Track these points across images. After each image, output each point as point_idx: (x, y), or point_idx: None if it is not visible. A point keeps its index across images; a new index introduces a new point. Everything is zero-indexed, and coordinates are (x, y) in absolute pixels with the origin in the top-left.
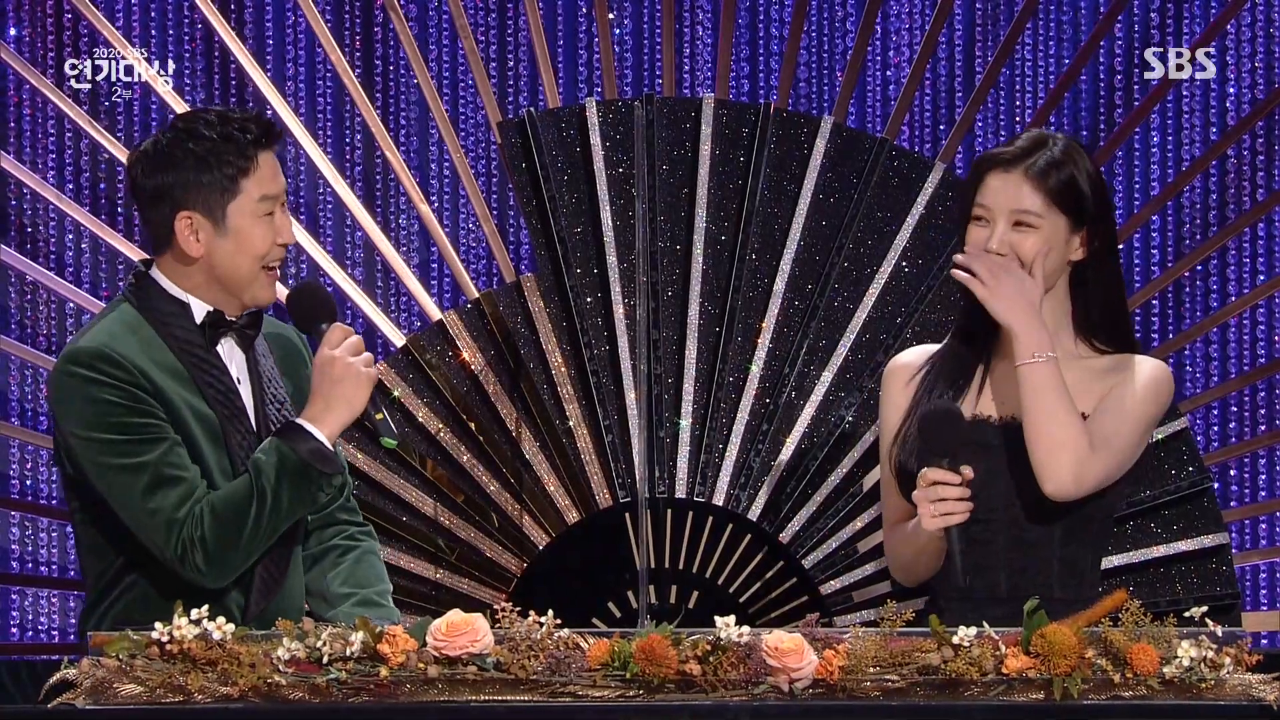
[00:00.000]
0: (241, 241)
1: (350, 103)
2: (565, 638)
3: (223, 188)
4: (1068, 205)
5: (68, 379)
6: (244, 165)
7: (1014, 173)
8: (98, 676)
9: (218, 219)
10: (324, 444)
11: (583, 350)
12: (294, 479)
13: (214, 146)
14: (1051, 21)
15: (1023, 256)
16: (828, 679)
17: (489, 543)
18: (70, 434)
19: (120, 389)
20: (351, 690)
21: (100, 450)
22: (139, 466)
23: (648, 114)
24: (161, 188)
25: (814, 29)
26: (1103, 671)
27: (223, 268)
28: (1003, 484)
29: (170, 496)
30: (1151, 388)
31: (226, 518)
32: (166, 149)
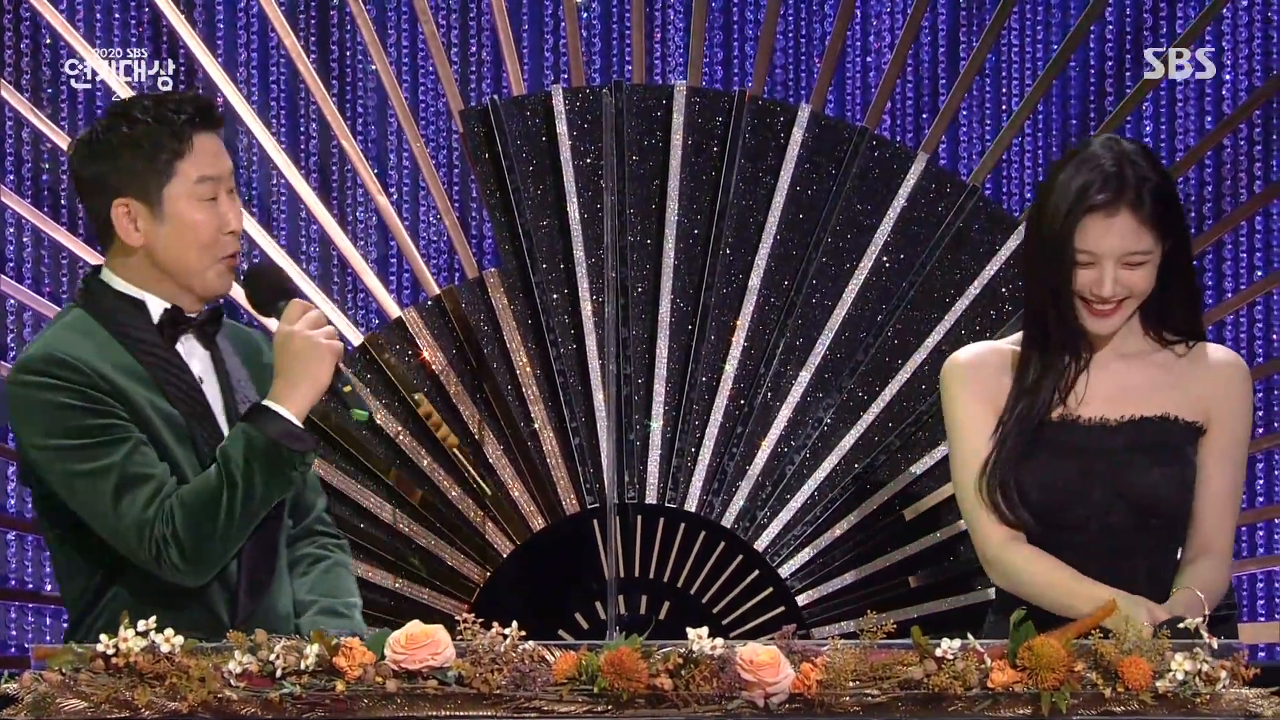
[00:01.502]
0: (181, 228)
1: (305, 89)
2: (530, 650)
3: (157, 170)
4: (1167, 226)
5: (21, 389)
6: (177, 147)
7: (1119, 216)
8: (40, 691)
9: (154, 204)
10: (292, 422)
11: (549, 349)
12: (265, 461)
13: (147, 130)
14: (1040, 5)
15: (1136, 292)
16: (805, 693)
17: (450, 551)
18: (30, 445)
19: (76, 391)
20: (306, 705)
21: (63, 457)
22: (104, 470)
23: (617, 102)
24: (98, 176)
25: (791, 13)
26: (1093, 685)
27: (166, 257)
28: (1098, 489)
29: (139, 497)
30: (1248, 400)
31: (197, 510)
32: (102, 136)
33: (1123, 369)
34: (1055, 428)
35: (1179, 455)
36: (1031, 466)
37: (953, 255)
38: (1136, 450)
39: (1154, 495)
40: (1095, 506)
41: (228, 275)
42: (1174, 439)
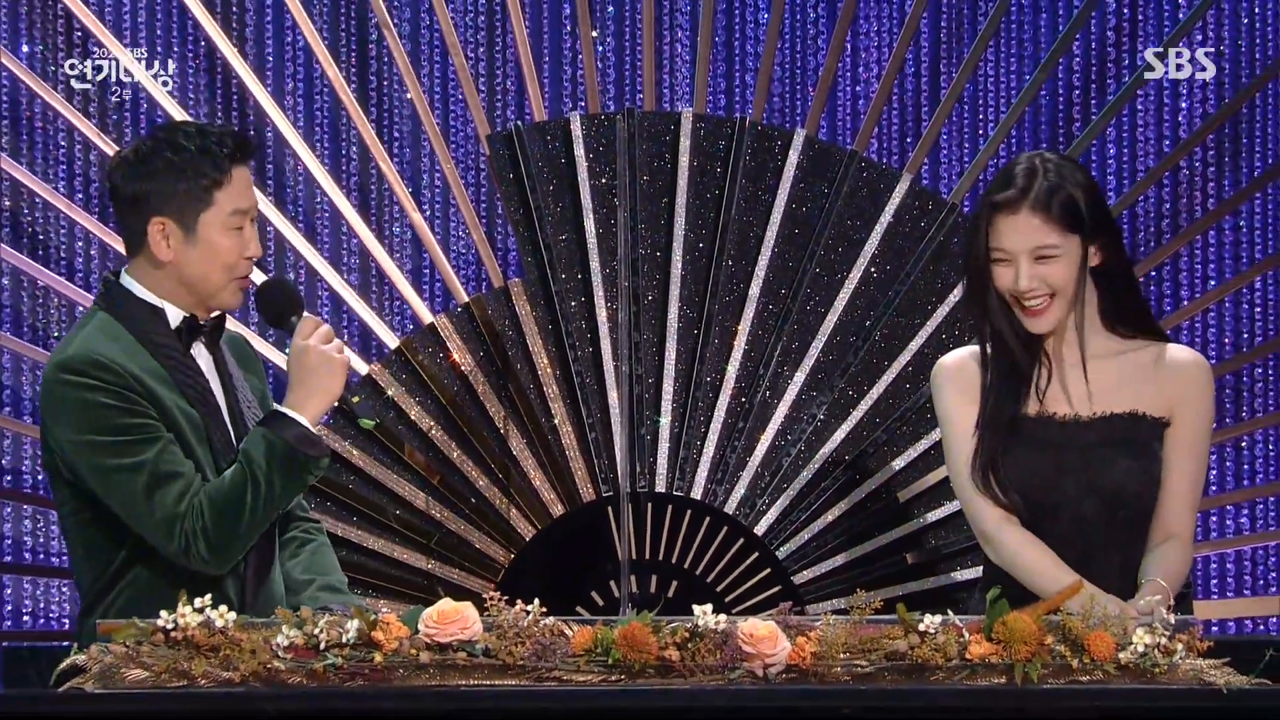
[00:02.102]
0: (209, 251)
1: (346, 116)
2: (551, 625)
3: (196, 197)
4: (1076, 225)
5: (60, 386)
6: (218, 178)
7: (1021, 212)
8: (106, 662)
9: (189, 227)
10: (308, 429)
11: (567, 352)
12: (284, 464)
13: (191, 157)
14: (1013, 40)
15: (1054, 285)
16: (800, 664)
17: (478, 535)
18: (66, 440)
19: (114, 392)
20: (347, 675)
21: (99, 452)
22: (137, 466)
23: (629, 127)
24: (139, 193)
25: (788, 46)
26: (1061, 657)
27: (191, 274)
28: (1071, 482)
29: (170, 493)
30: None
31: (224, 507)
32: (146, 156)
33: (1095, 368)
34: (1033, 424)
35: (1146, 450)
36: (1010, 460)
37: (934, 266)
38: (1107, 445)
39: (1122, 488)
40: (1068, 498)
41: (240, 294)
42: (1142, 434)
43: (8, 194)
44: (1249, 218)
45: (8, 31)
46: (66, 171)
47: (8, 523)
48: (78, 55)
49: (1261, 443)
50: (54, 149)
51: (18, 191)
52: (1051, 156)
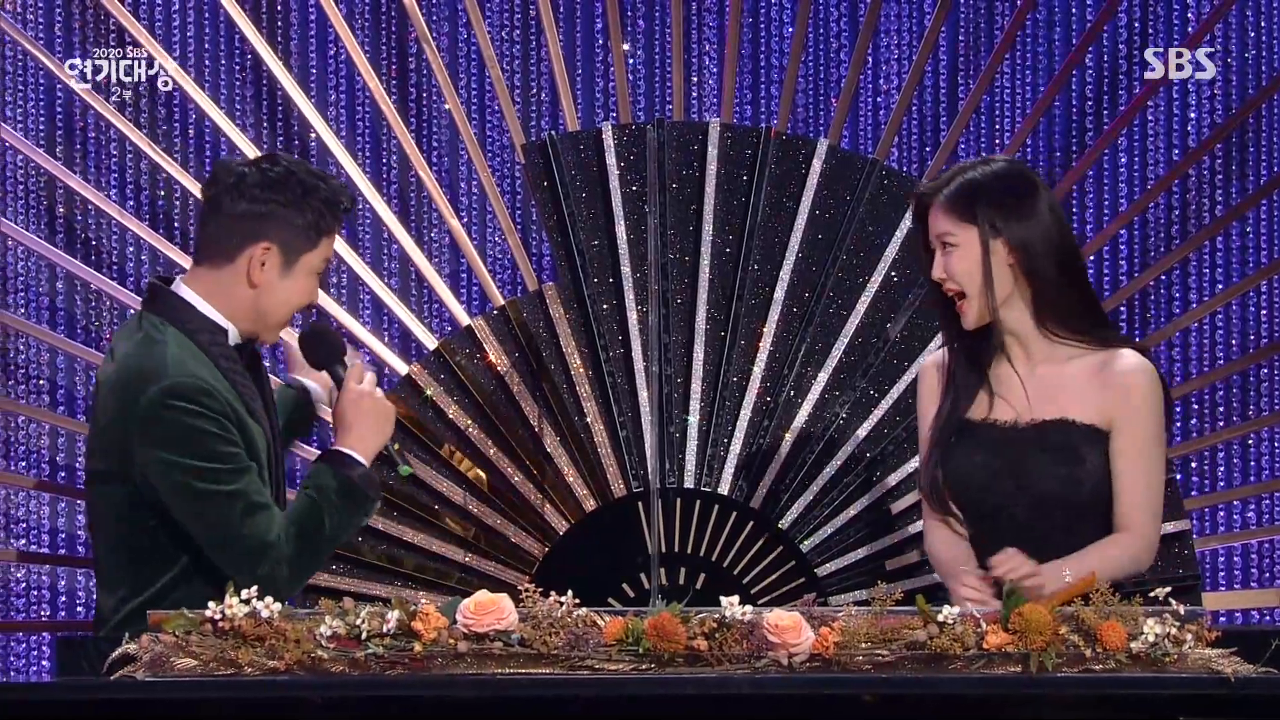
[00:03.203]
0: (294, 289)
1: (386, 126)
2: (583, 616)
3: (308, 236)
4: (968, 212)
5: (167, 410)
6: (331, 226)
7: (936, 203)
8: (156, 651)
9: (290, 260)
10: (369, 470)
11: (599, 353)
12: (353, 502)
13: (320, 198)
14: (1028, 53)
15: (956, 277)
16: (823, 654)
17: (513, 529)
18: (160, 460)
19: (216, 420)
20: (388, 664)
21: (196, 476)
22: (234, 494)
23: (659, 137)
24: (257, 213)
25: (811, 59)
26: (1075, 647)
27: (269, 304)
28: (1004, 485)
29: (261, 521)
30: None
31: (307, 539)
32: (276, 181)
33: (1041, 374)
34: (978, 427)
35: (1075, 455)
36: (954, 462)
37: None
38: (1038, 450)
39: (1049, 492)
40: (1003, 500)
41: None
42: (1072, 440)
43: (62, 201)
44: (1255, 223)
45: (62, 43)
46: (118, 179)
47: (62, 517)
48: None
49: (1268, 440)
50: (105, 158)
51: (71, 199)
52: (995, 159)
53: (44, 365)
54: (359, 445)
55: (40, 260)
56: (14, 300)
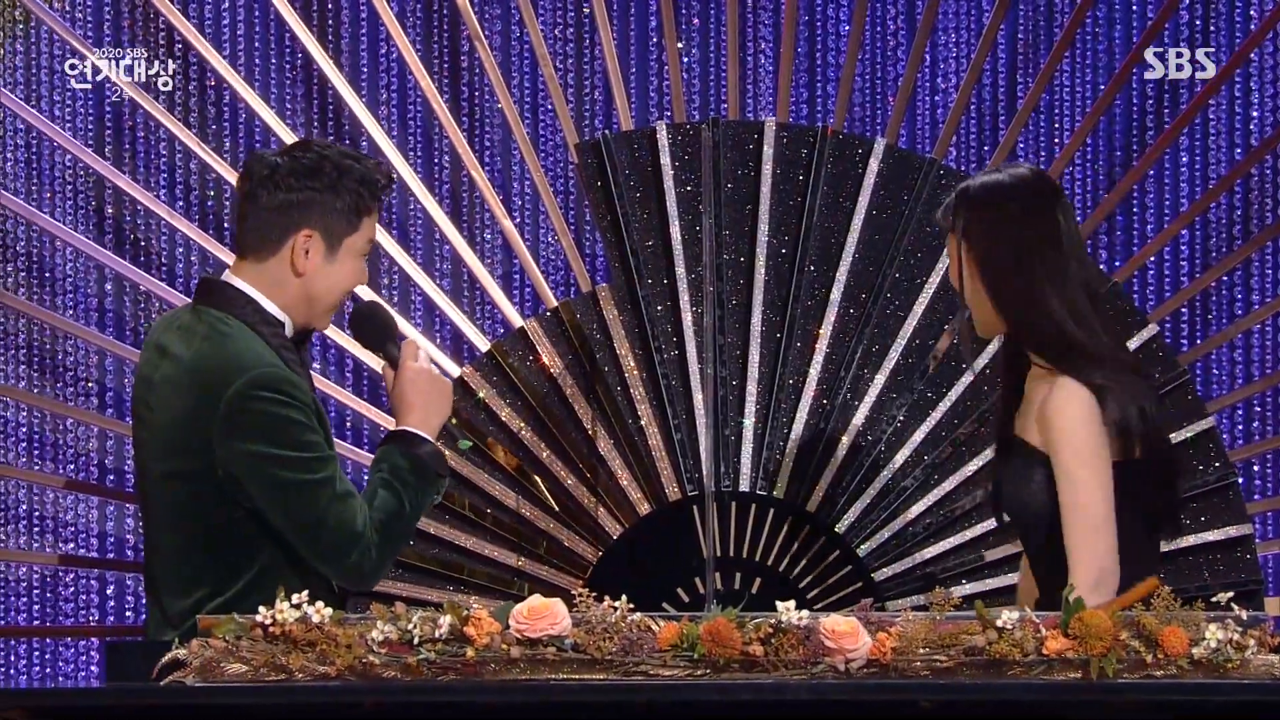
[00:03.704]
0: (341, 273)
1: (439, 125)
2: (638, 621)
3: (348, 219)
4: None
5: (254, 401)
6: (371, 205)
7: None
8: (206, 656)
9: (334, 246)
10: (438, 447)
11: (654, 355)
12: (425, 480)
13: (355, 179)
14: (1088, 50)
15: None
16: (881, 659)
17: (567, 533)
18: (248, 452)
19: (302, 409)
20: (440, 669)
21: (286, 466)
22: (322, 483)
23: (714, 136)
24: (295, 201)
25: (868, 57)
26: (1136, 653)
27: (318, 291)
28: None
29: (349, 509)
30: (1069, 427)
31: (389, 524)
32: (310, 167)
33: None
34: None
35: (1024, 474)
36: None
37: None
38: (1007, 468)
39: (1009, 509)
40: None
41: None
42: (1023, 459)
43: (111, 201)
44: None
45: (110, 41)
46: (168, 180)
47: (110, 521)
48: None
49: None
50: (155, 158)
51: (120, 199)
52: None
53: (92, 367)
54: (423, 423)
55: (88, 261)
56: (62, 301)
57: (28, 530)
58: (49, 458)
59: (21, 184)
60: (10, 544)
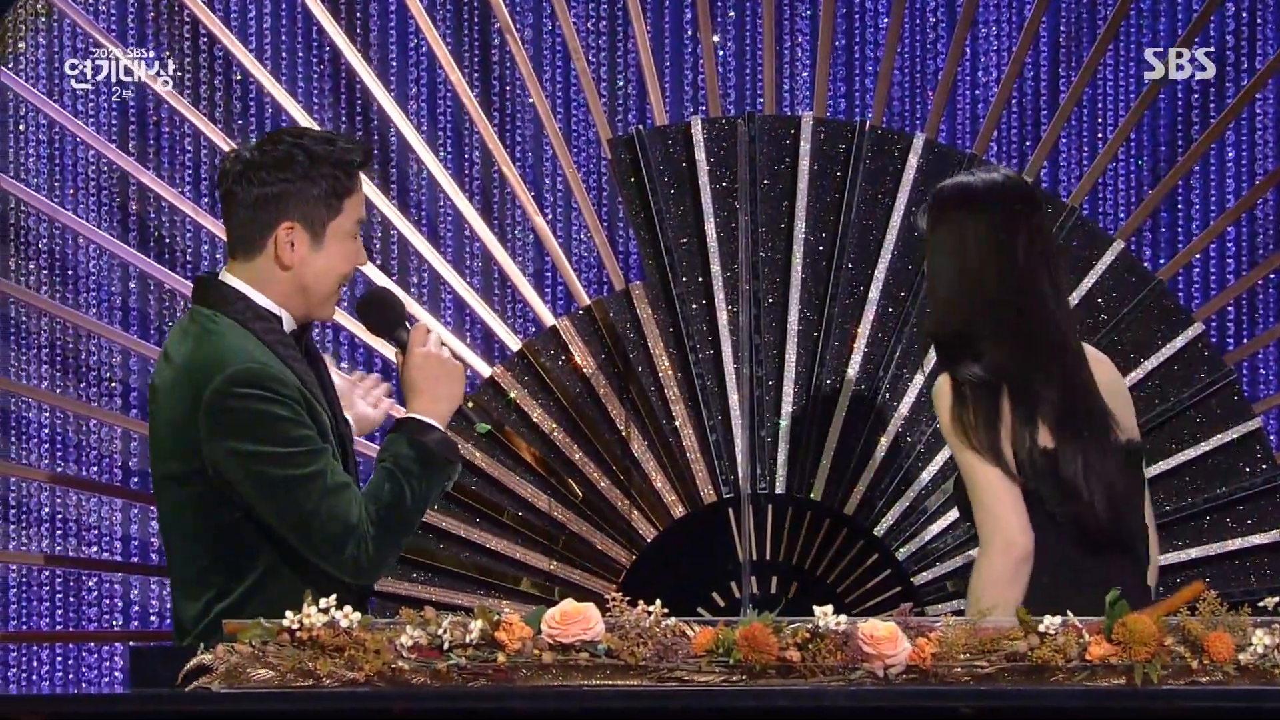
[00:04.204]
0: (332, 258)
1: (469, 120)
2: (672, 626)
3: (327, 204)
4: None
5: (234, 399)
6: (350, 186)
7: None
8: (232, 662)
9: (317, 233)
10: (446, 433)
11: (688, 354)
12: (430, 468)
13: (327, 163)
14: (1131, 44)
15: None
16: (920, 665)
17: (600, 536)
18: (234, 450)
19: (286, 404)
20: (471, 675)
21: (272, 463)
22: (311, 476)
23: (750, 131)
24: (271, 195)
25: (907, 50)
26: (1181, 658)
27: (312, 281)
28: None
29: (341, 503)
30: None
31: (387, 515)
32: (281, 159)
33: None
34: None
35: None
36: None
37: None
38: None
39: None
40: None
41: (335, 306)
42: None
43: (134, 197)
44: None
45: (135, 35)
46: (192, 176)
47: (135, 524)
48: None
49: None
50: (180, 154)
51: (144, 196)
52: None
53: (116, 367)
54: (431, 409)
55: (112, 258)
56: (85, 299)
57: (49, 533)
58: (72, 459)
59: (43, 180)
60: (32, 547)
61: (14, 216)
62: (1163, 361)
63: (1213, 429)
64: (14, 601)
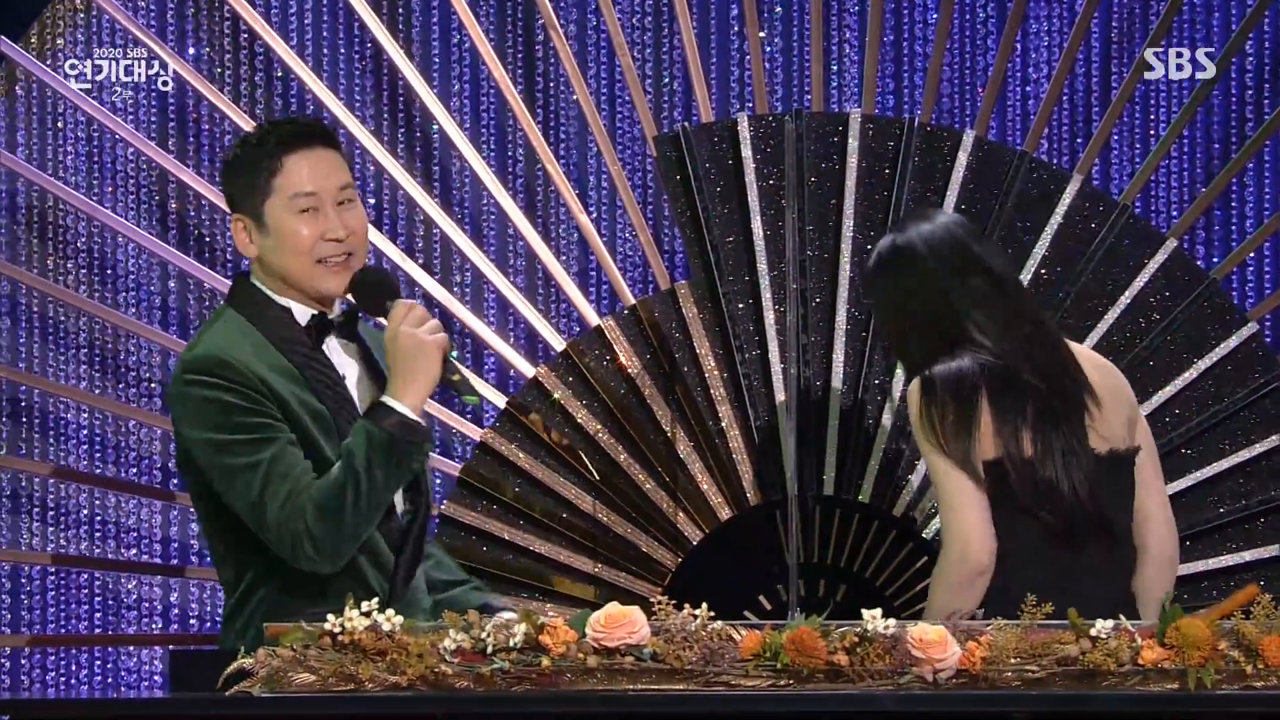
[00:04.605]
0: (281, 237)
1: (512, 117)
2: (719, 629)
3: (258, 188)
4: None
5: (186, 387)
6: (271, 165)
7: None
8: (273, 666)
9: (259, 218)
10: (406, 415)
11: (734, 354)
12: (383, 453)
13: (249, 152)
14: (1185, 39)
15: None
16: (970, 669)
17: (645, 538)
18: (192, 440)
19: (237, 391)
20: (515, 679)
21: (221, 451)
22: (254, 465)
23: (797, 128)
24: (226, 198)
25: (956, 46)
26: (1235, 663)
27: (274, 264)
28: None
29: (278, 495)
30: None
31: (325, 505)
32: (226, 161)
33: None
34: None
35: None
36: None
37: (1105, 269)
38: None
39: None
40: None
41: (335, 277)
42: None
43: (174, 196)
44: None
45: (174, 32)
46: None
47: (174, 526)
48: (244, 58)
49: None
50: (220, 151)
51: (184, 193)
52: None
53: (155, 367)
54: (401, 390)
55: (152, 257)
56: (124, 299)
57: (89, 535)
58: (110, 460)
59: (82, 178)
60: (71, 548)
61: (53, 215)
62: (1216, 361)
63: (1267, 430)
64: (53, 604)
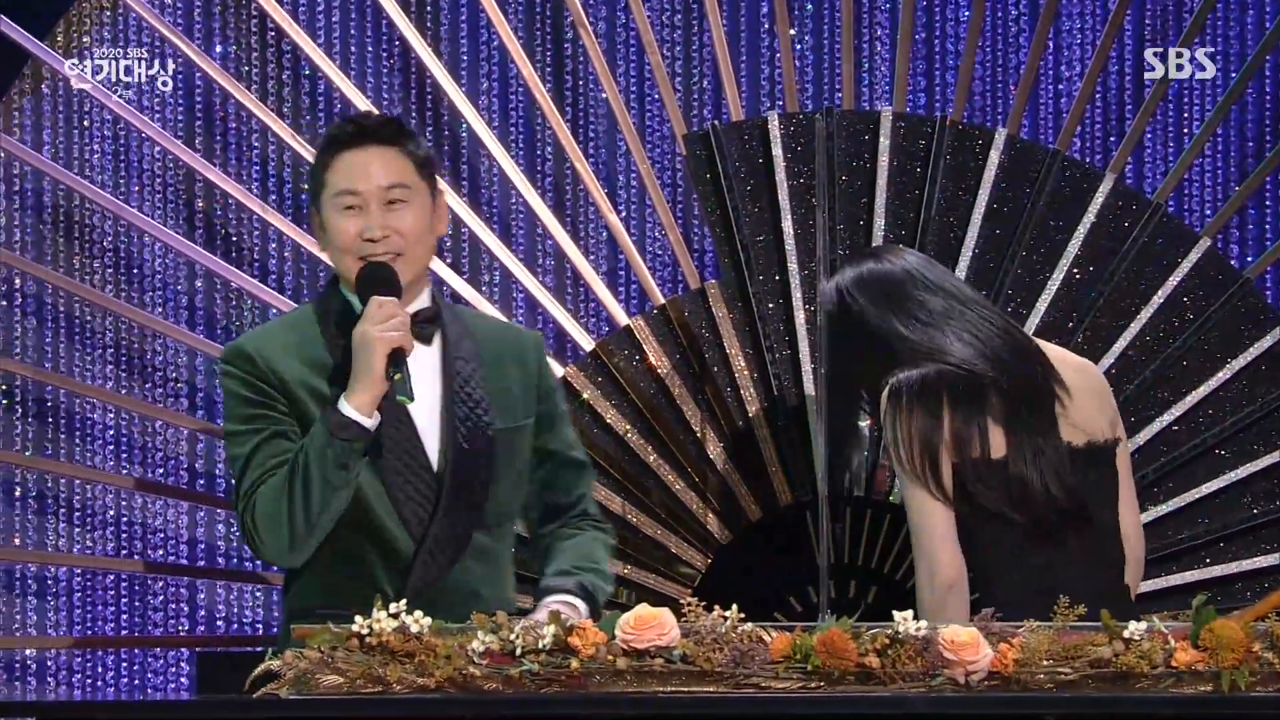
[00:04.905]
0: (330, 233)
1: (541, 116)
2: (749, 631)
3: (319, 182)
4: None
5: (219, 376)
6: (326, 160)
7: None
8: (300, 667)
9: (320, 213)
10: (342, 413)
11: (764, 354)
12: (319, 453)
13: (320, 148)
14: (1219, 37)
15: None
16: (1002, 671)
17: (675, 540)
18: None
19: (248, 383)
20: (544, 681)
21: (227, 438)
22: (239, 456)
23: (828, 126)
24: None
25: (988, 44)
26: (1269, 665)
27: (330, 258)
28: None
29: (241, 486)
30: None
31: (269, 502)
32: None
33: None
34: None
35: None
36: None
37: (1138, 268)
38: None
39: None
40: None
41: None
42: None
43: (201, 196)
44: None
45: (201, 30)
46: (260, 173)
47: (201, 527)
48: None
49: None
50: (247, 150)
51: (211, 194)
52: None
53: (182, 367)
54: (350, 389)
55: (179, 257)
56: (151, 299)
57: (115, 536)
58: (137, 461)
59: (109, 177)
60: (97, 550)
61: (79, 214)
62: (1250, 361)
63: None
64: (79, 606)
